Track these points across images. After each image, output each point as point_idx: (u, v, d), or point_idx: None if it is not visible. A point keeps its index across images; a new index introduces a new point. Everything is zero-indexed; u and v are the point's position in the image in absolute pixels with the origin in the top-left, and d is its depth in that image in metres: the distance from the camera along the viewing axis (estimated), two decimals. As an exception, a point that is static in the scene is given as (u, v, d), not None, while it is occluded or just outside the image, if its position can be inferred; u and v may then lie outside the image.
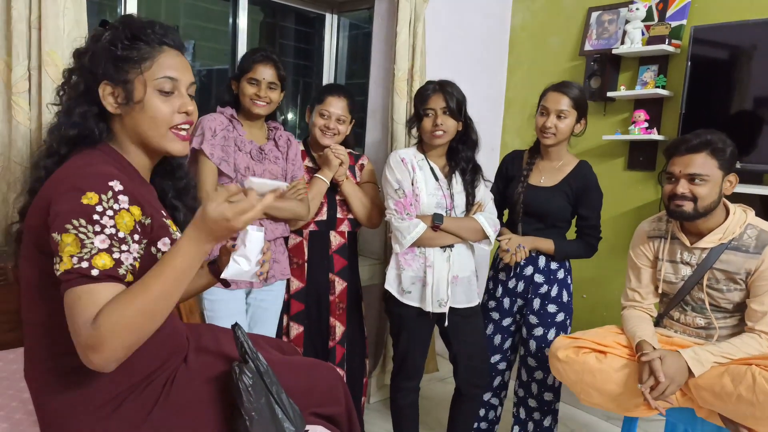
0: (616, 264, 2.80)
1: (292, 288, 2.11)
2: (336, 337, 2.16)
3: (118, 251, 0.96)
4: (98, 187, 0.96)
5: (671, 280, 1.84)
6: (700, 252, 1.78)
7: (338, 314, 2.17)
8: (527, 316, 2.17)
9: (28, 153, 1.65)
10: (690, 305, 1.82)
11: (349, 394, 1.38)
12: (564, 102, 2.04)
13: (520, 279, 2.17)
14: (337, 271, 2.16)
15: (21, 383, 1.38)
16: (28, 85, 1.64)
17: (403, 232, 1.93)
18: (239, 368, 1.07)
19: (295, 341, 2.11)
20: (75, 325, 0.91)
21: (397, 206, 1.95)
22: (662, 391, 1.59)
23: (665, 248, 1.86)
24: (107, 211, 0.96)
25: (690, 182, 1.71)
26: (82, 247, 0.93)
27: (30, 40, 1.62)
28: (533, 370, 2.16)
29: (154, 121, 1.09)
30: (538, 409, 2.19)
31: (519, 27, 3.25)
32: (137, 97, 1.07)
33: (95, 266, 0.93)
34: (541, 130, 2.08)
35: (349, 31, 3.12)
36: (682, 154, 1.72)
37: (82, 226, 0.93)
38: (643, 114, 2.62)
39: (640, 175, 2.73)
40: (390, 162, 2.00)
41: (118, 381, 1.06)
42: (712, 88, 2.39)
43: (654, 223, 1.93)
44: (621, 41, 2.73)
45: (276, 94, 1.91)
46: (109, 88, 1.07)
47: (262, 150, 1.89)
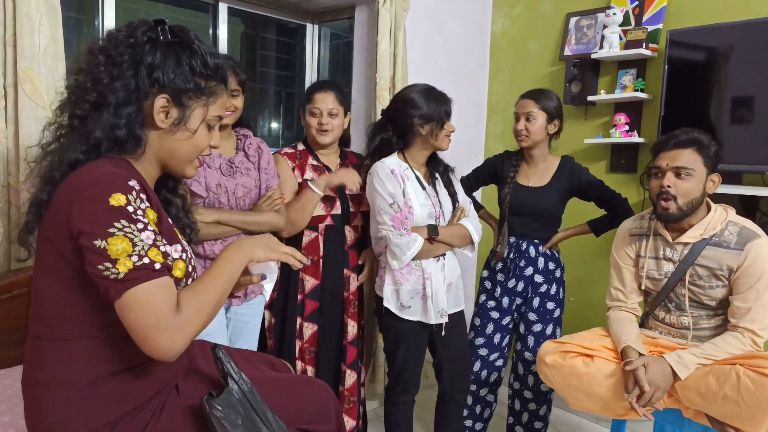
0: (602, 266, 2.82)
1: (306, 287, 2.07)
2: (349, 336, 2.13)
3: (162, 244, 0.99)
4: (121, 188, 0.95)
5: (654, 277, 1.86)
6: (682, 248, 1.80)
7: (352, 312, 2.14)
8: (526, 314, 2.24)
9: (5, 172, 1.62)
10: (674, 302, 1.83)
11: (341, 413, 1.37)
12: (530, 105, 2.17)
13: (520, 279, 2.24)
14: (352, 267, 2.13)
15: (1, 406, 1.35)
16: (5, 103, 1.62)
17: (402, 249, 1.85)
18: (208, 404, 1.06)
19: (309, 341, 2.08)
20: (159, 315, 0.94)
21: (394, 221, 1.87)
22: (648, 399, 1.60)
23: (647, 245, 1.88)
24: (138, 210, 0.96)
25: (676, 176, 1.73)
26: (134, 246, 0.94)
27: (6, 58, 1.60)
28: (530, 363, 2.22)
29: (194, 150, 1.12)
30: (534, 400, 2.25)
31: (499, 34, 3.27)
32: (192, 126, 1.09)
33: (155, 260, 0.96)
34: (515, 134, 2.20)
35: (331, 40, 3.12)
36: (670, 149, 1.75)
37: (126, 226, 0.94)
38: (624, 117, 2.65)
39: (623, 177, 2.76)
40: (379, 174, 1.89)
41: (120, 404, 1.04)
42: (689, 90, 2.43)
43: (636, 221, 1.95)
44: (599, 46, 2.77)
45: (239, 101, 1.86)
46: (164, 102, 1.05)
47: (232, 163, 1.84)
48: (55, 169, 1.03)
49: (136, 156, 1.07)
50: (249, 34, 3.11)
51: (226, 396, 1.08)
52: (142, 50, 1.03)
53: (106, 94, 1.01)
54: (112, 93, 1.01)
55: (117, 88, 1.01)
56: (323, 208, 2.06)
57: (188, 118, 1.07)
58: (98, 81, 1.02)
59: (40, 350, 1.03)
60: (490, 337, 2.29)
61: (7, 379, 1.48)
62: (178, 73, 1.04)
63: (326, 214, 2.06)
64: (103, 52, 1.04)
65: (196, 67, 1.07)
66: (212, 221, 1.72)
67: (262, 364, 1.41)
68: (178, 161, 1.12)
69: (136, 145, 1.05)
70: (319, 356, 2.10)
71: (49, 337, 1.02)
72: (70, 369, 1.01)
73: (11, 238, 1.64)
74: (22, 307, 1.52)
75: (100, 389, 1.02)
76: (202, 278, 1.04)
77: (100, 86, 1.02)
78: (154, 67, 1.03)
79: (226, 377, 1.12)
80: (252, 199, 1.88)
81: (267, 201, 1.87)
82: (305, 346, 2.09)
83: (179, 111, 1.06)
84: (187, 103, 1.07)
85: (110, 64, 1.02)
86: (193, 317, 0.98)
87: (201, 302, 1.00)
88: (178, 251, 1.05)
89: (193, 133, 1.09)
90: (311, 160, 2.12)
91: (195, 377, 1.20)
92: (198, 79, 1.07)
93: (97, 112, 1.02)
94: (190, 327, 0.97)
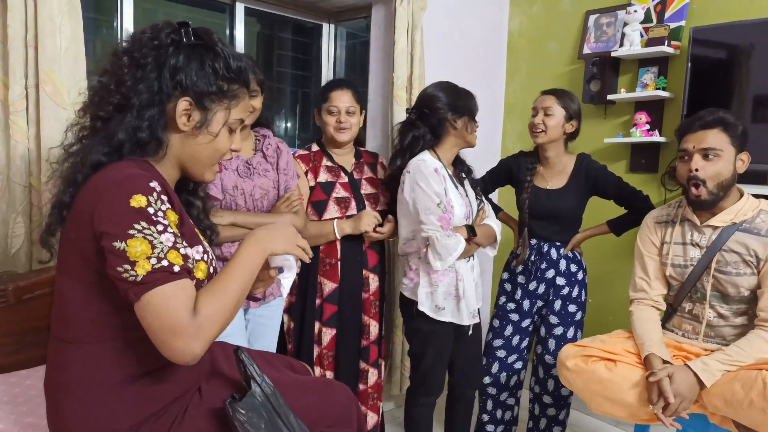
0: (621, 267, 2.78)
1: (324, 291, 2.05)
2: (371, 336, 2.13)
3: (182, 247, 0.98)
4: (142, 189, 0.95)
5: (679, 263, 1.81)
6: (711, 232, 1.75)
7: (372, 313, 2.12)
8: (547, 317, 2.22)
9: (27, 172, 1.63)
10: (699, 292, 1.78)
11: (362, 417, 1.36)
12: (550, 100, 2.15)
13: (541, 281, 2.22)
14: (371, 267, 2.12)
15: (23, 407, 1.36)
16: (26, 104, 1.63)
17: (449, 250, 1.81)
18: (231, 407, 1.05)
19: (328, 346, 2.06)
20: (175, 319, 0.92)
21: (442, 221, 1.82)
22: (674, 410, 1.57)
23: (673, 231, 1.83)
24: (159, 212, 0.96)
25: (704, 158, 1.70)
26: (153, 248, 0.93)
27: (27, 59, 1.61)
28: (551, 367, 2.20)
29: (215, 153, 1.11)
30: (554, 405, 2.23)
31: (517, 32, 3.24)
32: (214, 129, 1.08)
33: (174, 263, 0.95)
34: (531, 128, 2.17)
35: (347, 40, 3.11)
36: (696, 130, 1.72)
37: (146, 228, 0.93)
38: (644, 116, 2.61)
39: (643, 177, 2.72)
40: (424, 172, 1.84)
41: (143, 407, 1.04)
42: (712, 89, 2.38)
43: (663, 209, 1.92)
44: (620, 44, 2.72)
45: (258, 101, 1.85)
46: (186, 105, 1.04)
47: (249, 164, 1.83)
48: (77, 170, 1.02)
49: (158, 158, 1.07)
50: (265, 33, 3.11)
51: (249, 399, 1.08)
52: (165, 52, 1.03)
53: (129, 96, 1.01)
54: (136, 95, 1.01)
55: (140, 91, 1.01)
56: (338, 211, 2.04)
57: (210, 121, 1.07)
58: (122, 83, 1.02)
59: (63, 352, 1.03)
60: (509, 339, 2.27)
61: (29, 380, 1.48)
62: (201, 76, 1.04)
63: (341, 216, 2.05)
64: (127, 54, 1.04)
65: (219, 70, 1.06)
66: (228, 223, 1.71)
67: (283, 366, 1.40)
68: (198, 164, 1.11)
69: (157, 148, 1.05)
70: (338, 360, 2.09)
71: (71, 340, 1.02)
72: (92, 372, 1.01)
73: (33, 239, 1.65)
74: (45, 307, 1.53)
75: (122, 392, 1.01)
76: (220, 279, 1.02)
77: (124, 88, 1.02)
78: (178, 70, 1.03)
79: (249, 380, 1.11)
80: (270, 200, 1.86)
81: (285, 202, 1.85)
82: (324, 351, 2.07)
83: (201, 114, 1.06)
84: (209, 106, 1.06)
85: (134, 66, 1.02)
86: (211, 321, 0.96)
87: (219, 305, 0.98)
88: (199, 252, 1.04)
89: (215, 137, 1.09)
90: (326, 161, 2.11)
91: (217, 380, 1.20)
92: (221, 82, 1.07)
93: (120, 114, 1.02)
94: (208, 331, 0.95)
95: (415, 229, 1.92)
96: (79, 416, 1.01)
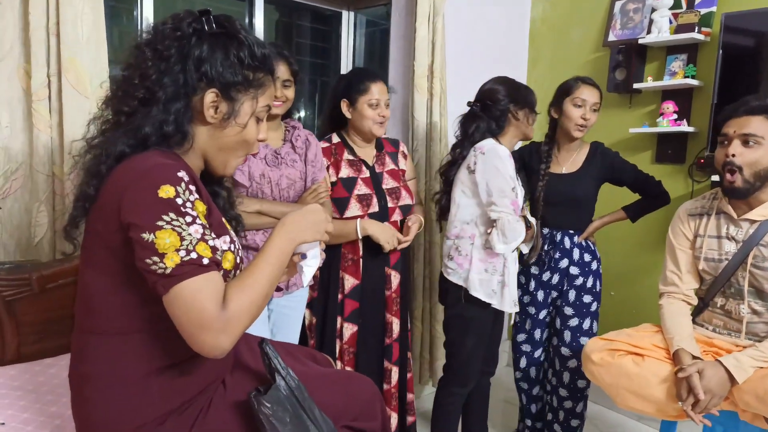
0: (645, 261, 2.73)
1: (346, 287, 2.03)
2: (393, 335, 2.10)
3: (210, 238, 0.96)
4: (171, 179, 0.93)
5: (714, 258, 1.75)
6: (748, 225, 1.70)
7: (395, 310, 2.10)
8: (562, 308, 2.19)
9: (50, 161, 1.62)
10: (733, 287, 1.72)
11: (386, 410, 1.34)
12: (597, 96, 2.13)
13: (555, 272, 2.19)
14: (392, 265, 2.10)
15: (47, 396, 1.36)
16: (48, 92, 1.62)
17: (516, 234, 1.84)
18: (256, 400, 1.03)
19: (349, 342, 2.05)
20: (203, 312, 0.90)
21: (514, 206, 1.86)
22: (704, 407, 1.53)
23: (708, 224, 1.78)
24: (187, 202, 0.94)
25: (743, 144, 1.64)
26: (182, 240, 0.91)
27: (49, 47, 1.60)
28: (567, 359, 2.17)
29: (244, 144, 1.09)
30: (570, 398, 2.20)
31: (539, 19, 3.17)
32: (242, 120, 1.05)
33: (203, 255, 0.93)
34: (578, 123, 2.12)
35: (366, 27, 3.07)
36: (740, 115, 1.67)
37: (174, 219, 0.91)
38: (672, 105, 2.54)
39: (669, 168, 2.65)
40: (501, 155, 1.88)
41: (168, 399, 1.03)
42: (744, 77, 2.31)
43: (697, 201, 1.86)
44: (647, 30, 2.65)
45: (291, 92, 1.84)
46: (213, 96, 1.02)
47: (278, 154, 1.81)
48: (101, 162, 1.00)
49: (183, 150, 1.05)
50: (284, 21, 3.08)
51: (274, 392, 1.06)
52: (188, 43, 1.00)
53: (154, 90, 0.99)
54: (161, 89, 0.99)
55: (166, 84, 0.99)
56: (360, 209, 2.01)
57: (238, 112, 1.05)
58: (146, 77, 1.00)
59: (88, 344, 1.02)
60: (531, 333, 2.26)
61: (53, 368, 1.49)
62: (226, 66, 1.02)
63: (363, 214, 2.01)
64: (150, 47, 1.01)
65: (244, 59, 1.03)
66: (253, 211, 1.70)
67: (306, 358, 1.39)
68: (224, 156, 1.09)
69: (182, 140, 1.03)
70: (358, 357, 2.07)
71: (97, 331, 1.01)
72: (118, 364, 1.00)
73: (56, 228, 1.65)
74: (68, 296, 1.53)
75: (148, 384, 1.00)
76: (250, 270, 1.00)
77: (149, 82, 1.00)
78: (202, 61, 1.01)
79: (274, 373, 1.09)
80: (297, 191, 1.85)
81: (312, 194, 1.83)
82: (345, 347, 2.05)
83: (229, 105, 1.04)
84: (236, 97, 1.04)
85: (157, 59, 1.00)
86: (239, 315, 0.94)
87: (247, 298, 0.96)
88: (226, 243, 1.02)
89: (243, 127, 1.06)
90: (347, 155, 2.06)
91: (241, 372, 1.18)
92: (246, 72, 1.04)
93: (145, 107, 1.00)
94: (236, 325, 0.94)
95: (476, 212, 1.93)
96: (104, 408, 1.00)
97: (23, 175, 1.63)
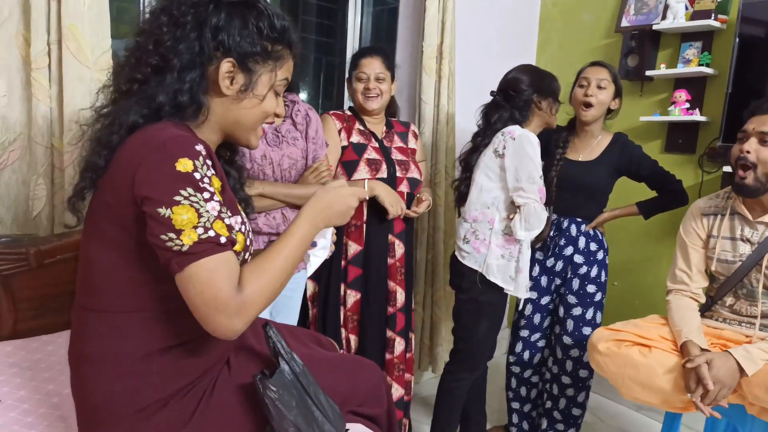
0: (650, 251, 2.71)
1: (349, 253, 2.02)
2: (397, 304, 2.08)
3: (226, 216, 0.92)
4: (189, 152, 0.89)
5: (727, 259, 1.73)
6: (764, 228, 1.67)
7: (399, 279, 2.08)
8: (566, 296, 2.16)
9: (49, 133, 1.57)
10: (745, 288, 1.70)
11: (391, 395, 1.31)
12: (603, 72, 2.08)
13: (559, 258, 2.16)
14: (396, 233, 2.07)
15: (44, 374, 1.33)
16: (48, 61, 1.55)
17: (540, 221, 1.84)
18: (262, 383, 1.00)
19: (353, 309, 2.03)
20: (219, 293, 0.87)
21: (541, 193, 1.85)
22: (713, 398, 1.50)
23: (722, 225, 1.75)
24: (205, 178, 0.90)
25: (760, 142, 1.61)
26: (200, 217, 0.87)
27: (49, 13, 1.53)
28: (569, 348, 2.15)
29: (263, 116, 1.04)
30: (572, 386, 2.18)
31: (550, 2, 3.10)
32: (261, 92, 1.01)
33: (220, 233, 0.89)
34: (581, 101, 2.08)
35: (374, 6, 2.99)
36: (764, 112, 1.63)
37: (192, 195, 0.87)
38: (685, 94, 2.49)
39: (679, 158, 2.61)
40: (533, 141, 1.86)
41: (171, 381, 0.99)
42: (761, 67, 2.26)
43: (711, 200, 1.83)
44: (662, 16, 2.59)
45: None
46: (229, 66, 0.97)
47: (279, 132, 1.76)
48: (113, 132, 0.96)
49: (197, 123, 1.00)
50: (290, -2, 3.00)
51: (278, 376, 1.03)
52: (205, 10, 0.96)
53: (169, 57, 0.95)
54: (176, 56, 0.94)
55: (181, 51, 0.94)
56: (368, 172, 1.99)
57: (255, 84, 1.00)
58: (160, 43, 0.95)
59: (89, 322, 0.99)
60: (530, 318, 2.24)
61: (50, 345, 1.45)
62: (244, 36, 0.97)
63: (371, 177, 1.99)
64: (165, 13, 0.97)
65: (263, 30, 0.99)
66: (255, 194, 1.65)
67: (310, 342, 1.36)
68: (243, 129, 1.04)
69: (197, 112, 0.98)
70: (362, 324, 2.05)
71: (99, 309, 0.97)
72: (121, 343, 0.96)
73: (54, 202, 1.60)
74: (67, 272, 1.49)
75: (151, 365, 0.97)
76: (269, 255, 0.96)
77: (163, 48, 0.95)
78: (219, 29, 0.96)
79: (278, 356, 1.06)
80: (298, 170, 1.80)
81: (314, 173, 1.79)
82: (348, 314, 2.04)
83: (246, 76, 0.99)
84: (253, 68, 0.99)
85: (173, 25, 0.95)
86: (255, 298, 0.91)
87: (264, 282, 0.93)
88: (238, 223, 0.98)
89: (262, 100, 1.02)
90: (358, 125, 2.06)
91: (245, 354, 1.15)
92: (265, 42, 1.00)
93: (158, 76, 0.95)
94: (251, 308, 0.91)
95: (500, 196, 1.91)
96: (104, 388, 0.97)
97: (21, 147, 1.58)
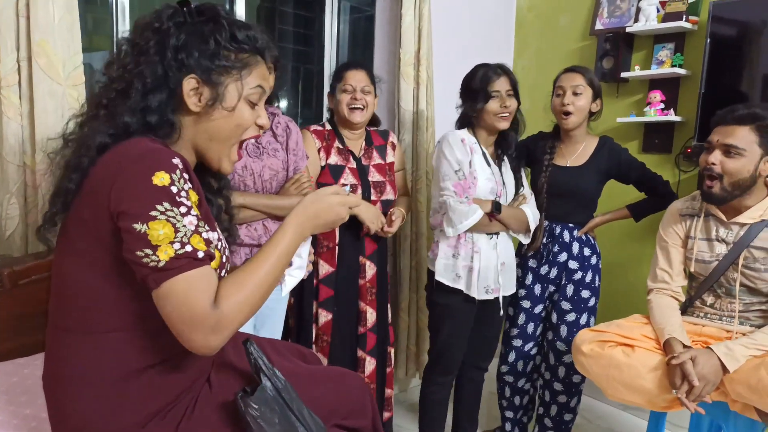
0: (633, 252, 2.73)
1: (321, 273, 2.03)
2: (368, 324, 2.10)
3: (204, 230, 0.91)
4: (166, 165, 0.87)
5: (704, 259, 1.76)
6: (738, 228, 1.70)
7: (369, 300, 2.09)
8: (559, 302, 2.16)
9: (21, 151, 1.54)
10: (723, 287, 1.73)
11: (376, 407, 1.30)
12: (578, 78, 2.06)
13: (553, 265, 2.16)
14: (368, 255, 2.09)
15: (21, 398, 1.30)
16: (18, 78, 1.53)
17: (460, 216, 1.86)
18: (243, 401, 0.98)
19: (324, 329, 2.04)
20: (195, 310, 0.86)
21: (457, 188, 1.87)
22: (698, 394, 1.52)
23: (698, 226, 1.78)
24: (182, 191, 0.88)
25: (724, 154, 1.64)
26: (177, 231, 0.86)
27: (18, 29, 1.51)
28: (562, 354, 2.15)
29: (237, 129, 1.02)
30: (564, 392, 2.18)
31: (526, 7, 3.13)
32: (230, 103, 0.99)
33: (197, 248, 0.88)
34: (560, 110, 2.08)
35: (351, 14, 3.00)
36: (727, 123, 1.66)
37: (169, 209, 0.86)
38: (659, 94, 2.53)
39: (657, 158, 2.64)
40: (449, 140, 1.91)
41: (150, 401, 0.97)
42: (733, 67, 2.30)
43: (687, 201, 1.86)
44: (634, 19, 2.63)
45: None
46: (193, 83, 0.97)
47: (259, 144, 1.76)
48: (82, 155, 0.94)
49: (171, 142, 0.99)
50: (266, 7, 2.99)
51: (260, 393, 1.01)
52: (166, 34, 0.96)
53: (132, 80, 0.95)
54: (139, 79, 0.95)
55: (144, 75, 0.95)
56: None
57: (223, 96, 0.99)
58: (125, 70, 0.96)
59: (64, 343, 0.96)
60: (523, 328, 2.22)
61: (27, 368, 1.42)
62: (203, 51, 0.97)
63: None
64: (129, 43, 0.98)
65: (221, 41, 0.98)
66: (237, 205, 1.64)
67: (293, 356, 1.34)
68: (217, 146, 1.03)
69: (170, 131, 0.98)
70: (332, 345, 2.06)
71: (74, 329, 0.95)
72: (98, 364, 0.94)
73: (28, 221, 1.57)
74: (42, 292, 1.45)
75: (130, 385, 0.95)
76: (249, 266, 0.95)
77: (127, 74, 0.95)
78: (179, 49, 0.96)
79: (259, 373, 1.05)
80: (279, 181, 1.79)
81: (294, 184, 1.78)
82: (320, 333, 2.05)
83: (212, 90, 0.98)
84: (218, 81, 0.98)
85: (137, 54, 0.96)
86: (232, 314, 0.89)
87: (242, 296, 0.91)
88: (214, 240, 0.97)
89: (232, 111, 1.01)
90: (337, 143, 2.06)
91: (226, 371, 1.13)
92: (225, 53, 0.99)
93: (123, 98, 0.95)
94: (228, 324, 0.89)
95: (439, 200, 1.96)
96: (83, 413, 0.94)
97: (-8, 166, 1.55)
